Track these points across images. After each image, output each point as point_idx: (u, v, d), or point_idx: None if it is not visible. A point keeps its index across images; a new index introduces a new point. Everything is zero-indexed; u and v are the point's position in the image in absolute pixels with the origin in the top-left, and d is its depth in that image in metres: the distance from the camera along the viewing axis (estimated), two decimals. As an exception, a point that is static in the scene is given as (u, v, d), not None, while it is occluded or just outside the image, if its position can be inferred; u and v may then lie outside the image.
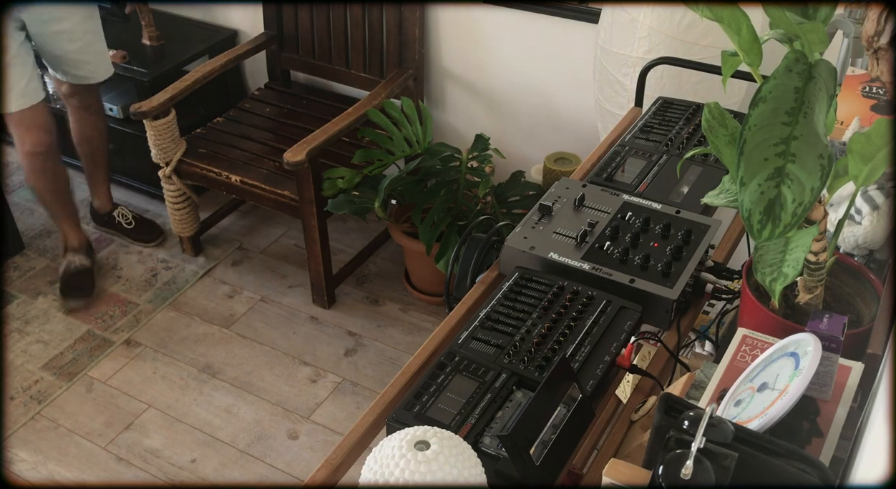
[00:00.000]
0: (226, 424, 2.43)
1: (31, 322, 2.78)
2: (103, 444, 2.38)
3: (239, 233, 3.17)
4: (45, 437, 2.40)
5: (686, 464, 0.79)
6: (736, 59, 1.04)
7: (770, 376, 0.98)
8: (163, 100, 2.66)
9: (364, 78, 2.93)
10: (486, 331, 1.23)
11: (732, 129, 1.09)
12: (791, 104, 0.94)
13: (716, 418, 0.84)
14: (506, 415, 1.10)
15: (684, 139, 1.68)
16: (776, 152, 0.93)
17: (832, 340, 0.97)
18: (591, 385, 1.15)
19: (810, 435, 0.98)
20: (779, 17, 0.95)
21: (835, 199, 1.32)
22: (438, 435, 0.89)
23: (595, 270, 1.33)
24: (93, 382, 2.57)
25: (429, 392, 1.13)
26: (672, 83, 2.07)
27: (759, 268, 1.06)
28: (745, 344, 1.12)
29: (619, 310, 1.27)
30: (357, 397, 2.52)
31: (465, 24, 2.76)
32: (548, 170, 2.60)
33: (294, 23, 2.98)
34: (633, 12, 2.05)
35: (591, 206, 1.47)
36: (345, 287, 2.92)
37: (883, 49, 1.27)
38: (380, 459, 0.88)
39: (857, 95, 1.53)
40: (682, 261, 1.33)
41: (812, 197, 0.93)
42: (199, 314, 2.80)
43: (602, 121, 2.34)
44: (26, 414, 2.46)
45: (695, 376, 1.17)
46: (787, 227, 0.93)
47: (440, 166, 2.52)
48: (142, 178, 3.23)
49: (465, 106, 2.95)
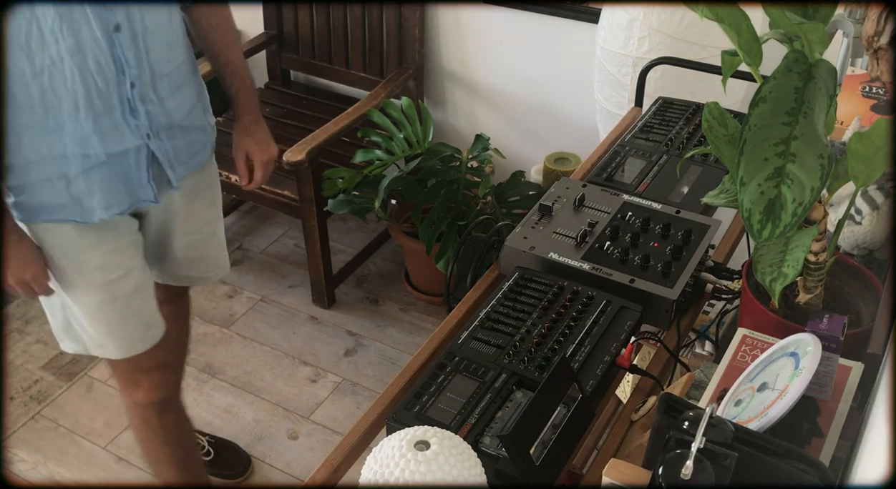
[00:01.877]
0: (226, 424, 2.43)
1: (31, 322, 2.78)
2: (103, 444, 2.38)
3: (239, 233, 3.17)
4: (45, 437, 2.40)
5: (686, 464, 0.79)
6: (736, 59, 1.04)
7: (770, 376, 0.98)
8: (163, 100, 2.65)
9: (364, 78, 2.93)
10: (486, 332, 1.23)
11: (732, 129, 1.09)
12: (791, 104, 0.94)
13: (716, 418, 0.84)
14: (506, 415, 1.10)
15: (684, 139, 1.68)
16: (776, 152, 0.93)
17: (832, 340, 0.97)
18: (591, 385, 1.15)
19: (810, 435, 0.98)
20: (779, 17, 0.95)
21: (835, 199, 1.33)
22: (438, 435, 0.89)
23: (595, 270, 1.33)
24: (93, 382, 2.57)
25: (429, 392, 1.13)
26: (672, 83, 2.07)
27: (759, 268, 1.06)
28: (745, 344, 1.12)
29: (619, 310, 1.27)
30: (357, 397, 2.52)
31: (465, 24, 2.76)
32: (548, 170, 2.60)
33: (294, 23, 2.98)
34: (633, 12, 2.05)
35: (591, 205, 1.47)
36: (345, 287, 2.92)
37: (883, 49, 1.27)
38: (380, 459, 0.88)
39: (857, 95, 1.53)
40: (682, 261, 1.33)
41: (812, 197, 0.93)
42: (199, 314, 2.80)
43: (602, 121, 2.34)
44: (26, 414, 2.46)
45: (695, 376, 1.17)
46: (787, 227, 0.93)
47: (440, 166, 2.52)
48: (142, 178, 3.23)
49: (465, 106, 2.95)
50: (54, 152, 1.42)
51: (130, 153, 1.49)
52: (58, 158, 1.43)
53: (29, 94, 1.37)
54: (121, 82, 1.43)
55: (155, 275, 1.77)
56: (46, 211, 1.48)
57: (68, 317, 1.63)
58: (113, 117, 1.44)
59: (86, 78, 1.39)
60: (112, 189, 1.50)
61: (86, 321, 1.61)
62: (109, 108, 1.43)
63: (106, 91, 1.42)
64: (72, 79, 1.38)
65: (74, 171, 1.45)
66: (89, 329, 1.62)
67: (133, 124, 1.47)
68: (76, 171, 1.45)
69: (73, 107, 1.40)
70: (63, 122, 1.40)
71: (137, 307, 1.64)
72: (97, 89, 1.41)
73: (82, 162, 1.45)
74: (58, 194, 1.46)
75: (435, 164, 2.51)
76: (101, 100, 1.42)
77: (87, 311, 1.60)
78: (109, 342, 1.64)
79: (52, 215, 1.48)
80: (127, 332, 1.64)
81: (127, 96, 1.45)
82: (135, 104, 1.46)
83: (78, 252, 1.53)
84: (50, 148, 1.42)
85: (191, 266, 1.81)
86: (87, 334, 1.64)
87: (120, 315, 1.61)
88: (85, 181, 1.46)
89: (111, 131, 1.45)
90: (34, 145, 1.41)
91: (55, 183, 1.45)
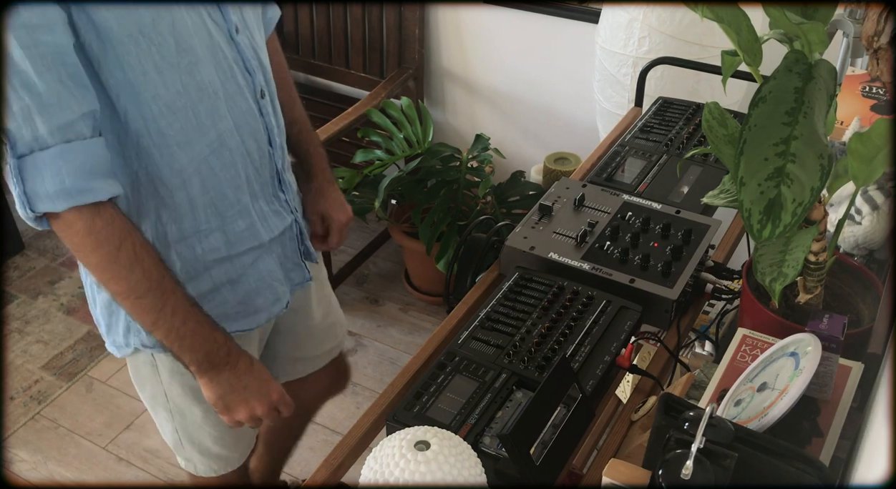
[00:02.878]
0: (226, 424, 2.43)
1: (31, 322, 2.78)
2: (103, 444, 2.38)
3: (239, 233, 3.17)
4: (45, 437, 2.40)
5: (686, 464, 0.79)
6: (736, 59, 1.04)
7: (770, 376, 0.98)
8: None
9: (364, 78, 2.93)
10: (486, 332, 1.23)
11: (732, 129, 1.09)
12: (791, 104, 0.94)
13: (716, 418, 0.84)
14: (506, 415, 1.10)
15: (684, 139, 1.68)
16: (776, 152, 0.93)
17: (832, 340, 0.97)
18: (591, 385, 1.15)
19: (810, 435, 0.98)
20: (779, 17, 0.95)
21: (835, 199, 1.32)
22: (438, 435, 0.89)
23: (595, 270, 1.33)
24: (93, 382, 2.57)
25: (429, 392, 1.13)
26: (672, 83, 2.07)
27: (759, 268, 1.06)
28: (745, 344, 1.12)
29: (619, 310, 1.27)
30: (357, 397, 2.51)
31: (465, 24, 2.76)
32: (548, 170, 2.60)
33: (294, 23, 2.98)
34: (633, 12, 2.05)
35: (591, 206, 1.47)
36: (345, 287, 2.92)
37: (883, 49, 1.27)
38: (380, 459, 0.88)
39: (857, 95, 1.53)
40: (682, 261, 1.33)
41: (812, 197, 0.93)
42: (199, 314, 2.80)
43: (602, 121, 2.34)
44: (26, 414, 2.46)
45: (695, 376, 1.17)
46: (787, 227, 0.93)
47: (440, 166, 2.52)
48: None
49: (465, 106, 2.95)
50: (220, 255, 1.25)
51: (286, 233, 1.35)
52: (222, 262, 1.26)
53: (187, 199, 1.18)
54: (272, 155, 1.28)
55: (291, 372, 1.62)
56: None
57: (181, 439, 1.48)
58: (267, 195, 1.29)
59: (245, 157, 1.22)
60: (275, 281, 1.34)
61: (213, 438, 1.46)
62: (263, 184, 1.28)
63: (262, 167, 1.26)
64: (232, 162, 1.20)
65: (239, 272, 1.28)
66: (214, 447, 1.49)
67: (283, 199, 1.33)
68: (241, 271, 1.28)
69: (236, 199, 1.23)
70: (225, 219, 1.23)
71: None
72: (255, 168, 1.25)
73: (246, 258, 1.28)
74: (220, 307, 1.28)
75: (435, 164, 2.51)
76: (258, 179, 1.26)
77: (222, 427, 1.44)
78: (235, 451, 1.53)
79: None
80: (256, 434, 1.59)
81: (277, 168, 1.30)
82: (283, 176, 1.32)
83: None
84: (216, 252, 1.24)
85: (328, 336, 1.65)
86: (208, 454, 1.50)
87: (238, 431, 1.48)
88: (252, 281, 1.30)
89: (270, 213, 1.30)
90: (192, 258, 1.23)
91: (219, 293, 1.28)
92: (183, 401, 1.39)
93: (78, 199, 1.03)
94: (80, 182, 1.03)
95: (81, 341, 2.70)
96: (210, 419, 1.42)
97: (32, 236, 3.14)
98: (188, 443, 1.48)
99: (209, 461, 1.51)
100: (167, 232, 1.20)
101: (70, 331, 2.74)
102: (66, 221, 1.05)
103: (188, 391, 1.38)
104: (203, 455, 1.50)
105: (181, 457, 1.53)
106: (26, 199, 1.03)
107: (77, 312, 2.81)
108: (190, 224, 1.21)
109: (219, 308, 1.28)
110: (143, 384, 1.41)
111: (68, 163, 1.02)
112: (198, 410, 1.41)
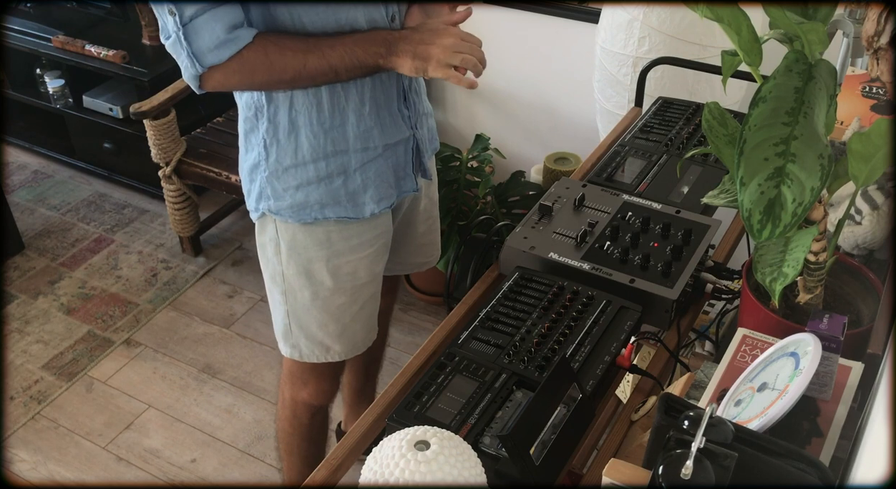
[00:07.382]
0: (226, 424, 2.43)
1: (31, 322, 2.78)
2: (103, 444, 2.38)
3: (239, 233, 3.17)
4: (45, 437, 2.40)
5: (686, 464, 0.79)
6: (736, 59, 1.04)
7: (770, 376, 0.98)
8: (163, 100, 2.66)
9: (364, 78, 2.93)
10: (486, 332, 1.23)
11: (732, 129, 1.09)
12: (791, 104, 0.94)
13: (716, 418, 0.84)
14: (506, 415, 1.10)
15: (684, 139, 1.68)
16: (776, 152, 0.93)
17: (832, 340, 0.97)
18: (591, 385, 1.15)
19: (810, 435, 0.98)
20: (779, 17, 0.95)
21: (835, 199, 1.32)
22: (438, 435, 0.89)
23: (595, 270, 1.33)
24: (93, 382, 2.57)
25: (429, 392, 1.13)
26: (672, 83, 2.07)
27: (759, 268, 1.06)
28: (745, 344, 1.12)
29: (619, 310, 1.27)
30: (357, 397, 2.51)
31: (466, 23, 2.75)
32: (548, 170, 2.60)
33: (294, 23, 2.98)
34: (633, 12, 2.05)
35: (591, 206, 1.47)
36: (345, 287, 2.91)
37: (883, 49, 1.27)
38: (380, 459, 0.88)
39: (857, 95, 1.53)
40: (682, 261, 1.33)
41: (812, 197, 0.93)
42: (199, 314, 2.80)
43: (602, 121, 2.34)
44: (26, 414, 2.46)
45: (695, 376, 1.17)
46: (787, 227, 0.93)
47: (440, 166, 2.52)
48: (142, 178, 3.23)
49: (465, 106, 2.94)
50: (338, 148, 1.44)
51: (401, 144, 1.52)
52: (340, 154, 1.45)
53: (318, 93, 1.39)
54: (399, 74, 1.44)
55: (385, 269, 1.74)
56: (318, 208, 1.49)
57: (290, 324, 1.64)
58: (391, 109, 1.47)
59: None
60: (384, 182, 1.52)
61: (319, 322, 1.62)
62: (389, 99, 1.46)
63: (388, 82, 1.44)
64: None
65: (354, 166, 1.47)
66: (319, 332, 1.63)
67: (405, 115, 1.50)
68: (356, 165, 1.47)
69: (360, 101, 1.42)
70: (347, 118, 1.42)
71: (369, 311, 1.67)
72: (381, 81, 1.43)
73: (362, 156, 1.47)
74: (334, 191, 1.48)
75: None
76: (383, 92, 1.44)
77: (327, 312, 1.60)
78: (337, 343, 1.66)
79: (322, 212, 1.49)
80: (354, 334, 1.67)
81: (403, 86, 1.48)
82: (408, 94, 1.49)
83: (336, 255, 1.54)
84: (334, 144, 1.44)
85: (422, 251, 1.85)
86: (312, 339, 1.64)
87: (353, 318, 1.64)
88: (362, 175, 1.48)
89: (390, 123, 1.48)
90: (316, 144, 1.43)
91: (334, 179, 1.47)
92: (296, 281, 1.57)
93: (232, 48, 1.28)
94: (230, 34, 1.27)
95: (81, 341, 2.70)
96: (317, 303, 1.59)
97: (32, 236, 3.14)
98: (296, 327, 1.63)
99: (313, 346, 1.65)
100: (298, 118, 1.42)
101: (70, 331, 2.74)
102: (229, 69, 1.30)
103: (301, 271, 1.56)
104: (309, 340, 1.64)
105: (287, 344, 1.67)
106: (195, 58, 1.28)
107: (77, 312, 2.81)
108: (316, 116, 1.41)
109: (331, 194, 1.48)
110: (266, 264, 1.60)
111: (219, 21, 1.26)
112: (307, 293, 1.58)
